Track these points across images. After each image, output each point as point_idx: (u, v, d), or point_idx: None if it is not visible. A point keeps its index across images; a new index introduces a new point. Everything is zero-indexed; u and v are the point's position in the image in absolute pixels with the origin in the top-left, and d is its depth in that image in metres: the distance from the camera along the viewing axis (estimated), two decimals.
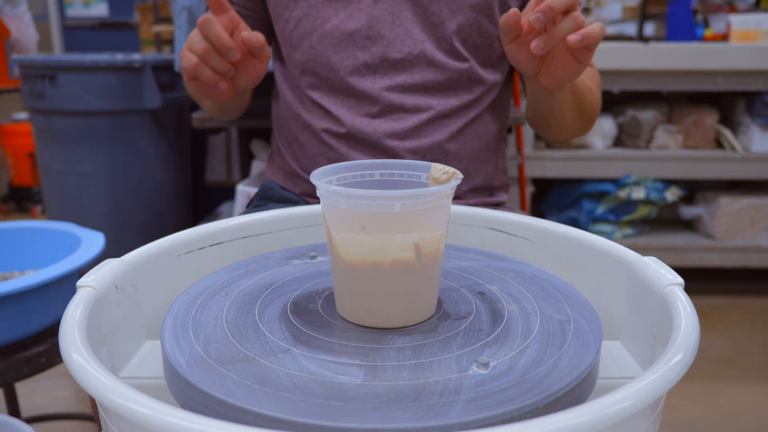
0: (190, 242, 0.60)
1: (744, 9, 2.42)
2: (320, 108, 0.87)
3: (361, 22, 0.83)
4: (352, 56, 0.84)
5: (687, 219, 2.32)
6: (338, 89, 0.86)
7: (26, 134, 3.13)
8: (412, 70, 0.84)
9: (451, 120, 0.86)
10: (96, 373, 0.35)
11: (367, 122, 0.84)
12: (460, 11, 0.83)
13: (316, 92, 0.87)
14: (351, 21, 0.83)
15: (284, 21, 0.87)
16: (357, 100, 0.85)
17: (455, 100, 0.86)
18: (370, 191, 0.42)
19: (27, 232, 1.01)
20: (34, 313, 0.82)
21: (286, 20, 0.87)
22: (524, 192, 1.98)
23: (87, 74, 1.82)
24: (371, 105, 0.85)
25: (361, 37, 0.83)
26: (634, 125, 2.18)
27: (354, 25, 0.83)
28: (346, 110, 0.85)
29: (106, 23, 3.82)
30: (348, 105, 0.86)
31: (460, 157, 0.87)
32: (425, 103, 0.85)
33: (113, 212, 1.94)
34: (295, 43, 0.87)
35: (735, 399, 1.59)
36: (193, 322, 0.46)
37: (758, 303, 2.16)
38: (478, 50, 0.86)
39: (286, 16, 0.87)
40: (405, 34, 0.83)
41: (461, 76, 0.86)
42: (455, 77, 0.85)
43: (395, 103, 0.84)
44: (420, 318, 0.47)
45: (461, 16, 0.83)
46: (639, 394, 0.32)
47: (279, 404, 0.35)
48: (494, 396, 0.36)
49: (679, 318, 0.41)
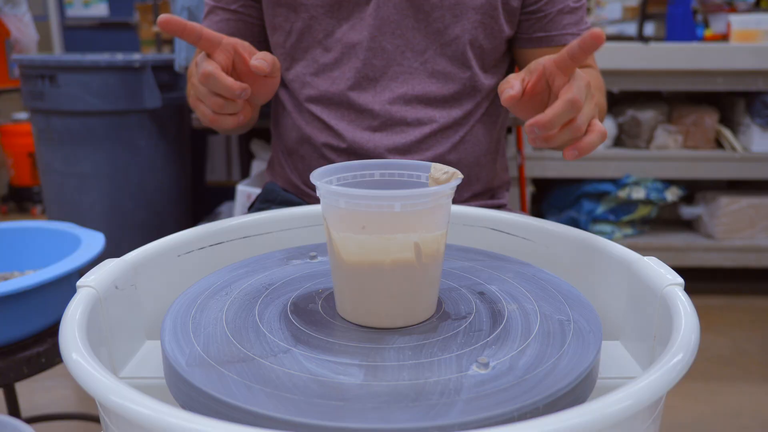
0: (190, 242, 0.60)
1: (744, 9, 2.42)
2: (320, 121, 0.85)
3: (363, 33, 0.81)
4: (354, 69, 0.82)
5: (687, 219, 2.32)
6: (338, 102, 0.84)
7: (26, 134, 3.13)
8: (413, 82, 0.83)
9: (452, 130, 0.85)
10: (96, 373, 0.35)
11: (369, 137, 0.83)
12: (463, 15, 0.81)
13: (316, 105, 0.85)
14: (353, 33, 0.82)
15: (284, 33, 0.85)
16: (357, 114, 0.84)
17: (458, 111, 0.85)
18: (370, 191, 0.42)
19: (27, 232, 1.01)
20: (34, 313, 0.82)
21: (287, 32, 0.85)
22: (524, 192, 1.98)
23: (87, 74, 1.82)
24: (372, 119, 0.83)
25: (362, 50, 0.82)
26: (634, 125, 2.18)
27: (356, 37, 0.82)
28: (346, 124, 0.84)
29: (106, 23, 3.82)
30: (348, 119, 0.84)
31: (461, 165, 0.86)
32: (427, 116, 0.83)
33: (113, 212, 1.94)
34: (297, 56, 0.85)
35: (734, 399, 1.59)
36: (193, 322, 0.46)
37: (757, 303, 2.16)
38: (483, 53, 0.84)
39: (287, 28, 0.84)
40: (405, 45, 0.82)
41: (464, 86, 0.84)
42: (458, 87, 0.84)
43: (396, 116, 0.83)
44: (420, 318, 0.47)
45: (465, 20, 0.81)
46: (639, 394, 0.32)
47: (279, 404, 0.35)
48: (494, 396, 0.36)
49: (679, 318, 0.41)
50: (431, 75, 0.83)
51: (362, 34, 0.81)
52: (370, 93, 0.83)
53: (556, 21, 0.84)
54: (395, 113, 0.83)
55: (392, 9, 0.81)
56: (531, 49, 0.86)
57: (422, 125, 0.84)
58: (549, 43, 0.85)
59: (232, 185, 2.00)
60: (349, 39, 0.82)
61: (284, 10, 0.83)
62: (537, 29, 0.84)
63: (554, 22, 0.84)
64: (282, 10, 0.83)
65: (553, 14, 0.83)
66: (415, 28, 0.81)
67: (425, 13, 0.81)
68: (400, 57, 0.82)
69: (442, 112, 0.84)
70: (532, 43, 0.86)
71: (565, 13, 0.83)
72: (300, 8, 0.82)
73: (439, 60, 0.83)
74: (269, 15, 0.85)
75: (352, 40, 0.82)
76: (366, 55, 0.82)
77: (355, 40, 0.82)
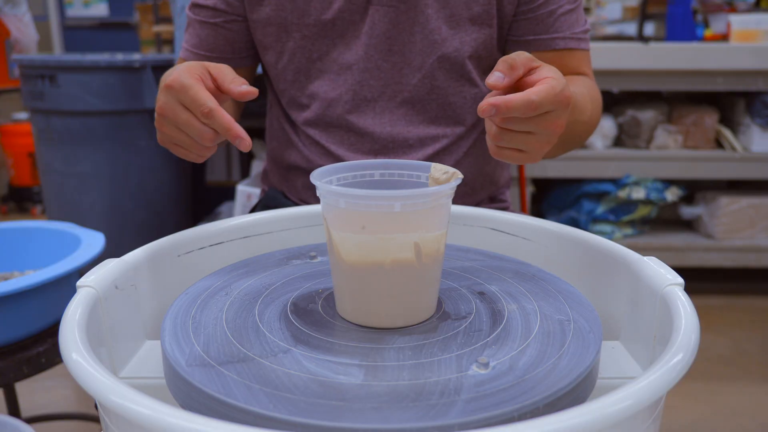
0: (190, 242, 0.60)
1: (744, 9, 2.42)
2: (319, 146, 0.83)
3: (359, 54, 0.79)
4: (351, 91, 0.80)
5: (687, 219, 2.31)
6: (337, 126, 0.82)
7: (26, 134, 3.13)
8: (413, 100, 0.81)
9: (455, 146, 0.83)
10: (96, 373, 0.35)
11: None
12: (460, 26, 0.78)
13: (314, 129, 0.83)
14: (348, 53, 0.79)
15: (276, 53, 0.82)
16: (358, 137, 0.82)
17: (460, 126, 0.83)
18: (370, 191, 0.43)
19: (27, 232, 1.01)
20: (34, 313, 0.82)
21: (279, 53, 0.81)
22: (524, 192, 1.98)
23: (87, 74, 1.82)
24: (373, 141, 0.81)
25: (359, 71, 0.79)
26: (634, 125, 2.18)
27: (351, 57, 0.79)
28: (346, 149, 0.82)
29: (106, 23, 3.82)
30: (348, 143, 0.82)
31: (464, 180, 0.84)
32: (429, 136, 0.82)
33: (113, 212, 1.94)
34: (290, 78, 0.82)
35: (734, 399, 1.59)
36: (193, 322, 0.46)
37: (757, 303, 2.16)
38: (481, 63, 0.82)
39: (278, 49, 0.81)
40: (404, 62, 0.79)
41: (465, 98, 0.82)
42: (459, 100, 0.81)
43: (399, 138, 0.81)
44: (420, 318, 0.47)
45: (462, 32, 0.79)
46: (639, 394, 0.32)
47: (279, 404, 0.35)
48: (494, 396, 0.36)
49: (679, 318, 0.41)
50: (430, 91, 0.80)
51: (358, 54, 0.79)
52: (369, 115, 0.81)
53: (546, 23, 0.80)
54: (397, 135, 0.81)
55: (387, 24, 0.78)
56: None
57: (425, 146, 0.82)
58: (539, 47, 0.81)
59: (232, 185, 2.00)
60: (344, 59, 0.80)
61: (275, 29, 0.80)
62: (527, 32, 0.81)
63: (544, 24, 0.80)
64: (272, 30, 0.80)
65: (544, 16, 0.79)
66: (411, 42, 0.79)
67: (421, 26, 0.78)
68: (398, 74, 0.80)
69: (446, 129, 0.82)
70: (521, 47, 0.81)
71: (558, 15, 0.79)
72: (291, 28, 0.79)
73: (438, 74, 0.80)
74: (259, 34, 0.82)
75: (348, 60, 0.79)
76: (363, 76, 0.79)
77: (351, 61, 0.79)
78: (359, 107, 0.81)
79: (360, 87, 0.80)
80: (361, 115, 0.81)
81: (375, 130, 0.81)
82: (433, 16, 0.78)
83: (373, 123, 0.81)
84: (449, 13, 0.78)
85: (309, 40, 0.79)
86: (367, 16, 0.78)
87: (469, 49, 0.79)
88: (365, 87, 0.80)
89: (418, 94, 0.81)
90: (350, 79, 0.80)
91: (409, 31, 0.79)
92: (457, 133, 0.83)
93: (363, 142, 0.82)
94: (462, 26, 0.79)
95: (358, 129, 0.81)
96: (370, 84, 0.80)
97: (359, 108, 0.81)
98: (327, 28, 0.79)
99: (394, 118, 0.81)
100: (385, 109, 0.81)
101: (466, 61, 0.80)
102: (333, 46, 0.80)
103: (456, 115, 0.82)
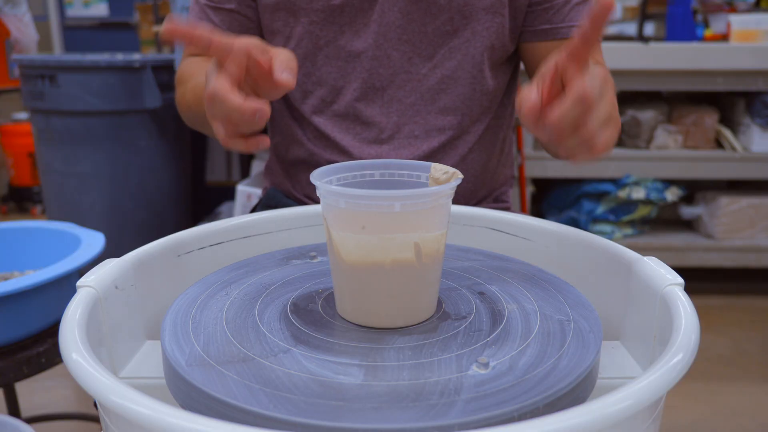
0: (190, 242, 0.60)
1: (744, 9, 2.42)
2: (325, 137, 0.83)
3: (368, 41, 0.78)
4: (359, 79, 0.79)
5: (687, 219, 2.32)
6: (344, 115, 0.81)
7: (26, 134, 3.13)
8: (422, 90, 0.80)
9: (460, 140, 0.83)
10: (96, 373, 0.35)
11: (376, 150, 0.81)
12: (473, 15, 0.78)
13: (320, 117, 0.83)
14: (357, 40, 0.79)
15: (283, 38, 0.81)
16: (364, 127, 0.81)
17: (467, 118, 0.82)
18: (370, 191, 0.42)
19: (27, 232, 1.01)
20: (34, 313, 0.82)
21: (286, 38, 0.81)
22: (524, 192, 1.98)
23: (87, 74, 1.82)
24: (379, 131, 0.81)
25: (368, 59, 0.79)
26: (634, 125, 2.18)
27: (361, 45, 0.79)
28: (351, 139, 0.82)
29: (106, 23, 3.82)
30: (354, 132, 0.82)
31: (467, 176, 0.84)
32: (435, 128, 0.81)
33: (113, 212, 1.94)
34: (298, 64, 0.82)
35: (734, 399, 1.59)
36: (193, 322, 0.46)
37: (757, 303, 2.16)
38: (494, 54, 0.81)
39: (286, 33, 0.80)
40: (413, 51, 0.79)
41: (474, 90, 0.81)
42: (468, 92, 0.81)
43: (404, 129, 0.81)
44: (420, 318, 0.47)
45: (475, 21, 0.78)
46: (639, 394, 0.32)
47: (279, 404, 0.35)
48: (494, 396, 0.36)
49: (679, 318, 0.41)
50: (440, 81, 0.80)
51: (367, 41, 0.78)
52: (377, 104, 0.80)
53: (562, 12, 0.80)
54: (403, 125, 0.81)
55: (398, 13, 0.77)
56: (536, 43, 0.82)
57: (430, 137, 0.81)
58: (555, 36, 0.81)
59: (232, 185, 2.00)
60: (353, 47, 0.79)
61: (283, 14, 0.80)
62: (542, 21, 0.80)
63: (560, 14, 0.80)
64: (281, 14, 0.80)
65: (559, 5, 0.80)
66: (423, 32, 0.78)
67: (432, 15, 0.78)
68: (407, 64, 0.79)
69: (453, 120, 0.82)
70: (537, 36, 0.81)
71: (573, 4, 0.80)
72: (300, 12, 0.79)
73: (449, 64, 0.79)
74: (267, 19, 0.82)
75: (356, 48, 0.79)
76: (372, 64, 0.79)
77: (360, 48, 0.79)
78: (367, 95, 0.81)
79: (369, 75, 0.80)
80: (369, 103, 0.81)
81: (382, 120, 0.81)
82: (445, 6, 0.77)
83: (380, 112, 0.81)
84: (462, 2, 0.77)
85: (317, 26, 0.79)
86: (377, 4, 0.78)
87: (482, 40, 0.79)
88: (374, 75, 0.80)
89: (428, 84, 0.80)
90: (359, 67, 0.80)
91: (421, 21, 0.78)
92: (463, 126, 0.82)
93: (369, 132, 0.81)
94: (474, 16, 0.78)
95: (365, 118, 0.81)
96: (379, 73, 0.80)
97: (367, 96, 0.81)
98: (335, 13, 0.78)
99: (402, 108, 0.81)
100: (393, 99, 0.81)
101: (478, 52, 0.80)
102: (341, 32, 0.79)
103: (464, 107, 0.82)
